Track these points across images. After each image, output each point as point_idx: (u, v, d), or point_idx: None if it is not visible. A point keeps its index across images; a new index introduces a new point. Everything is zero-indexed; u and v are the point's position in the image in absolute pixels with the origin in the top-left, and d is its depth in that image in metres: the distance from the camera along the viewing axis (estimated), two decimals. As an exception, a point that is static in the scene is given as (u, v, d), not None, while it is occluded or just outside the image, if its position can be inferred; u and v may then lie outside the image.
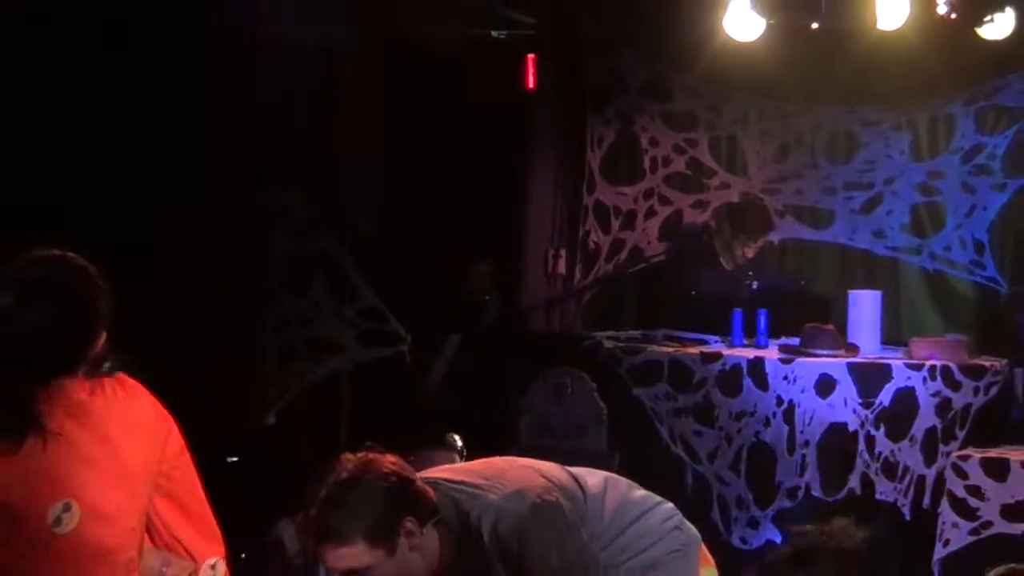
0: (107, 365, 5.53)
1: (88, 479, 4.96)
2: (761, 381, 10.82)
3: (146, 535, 5.22)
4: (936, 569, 10.25)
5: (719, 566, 6.29)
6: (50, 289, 4.98)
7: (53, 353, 4.98)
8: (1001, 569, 5.80)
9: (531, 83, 12.84)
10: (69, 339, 5.01)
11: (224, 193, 10.39)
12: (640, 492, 6.17)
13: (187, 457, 5.31)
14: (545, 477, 5.95)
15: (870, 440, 10.72)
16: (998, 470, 10.21)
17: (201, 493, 5.38)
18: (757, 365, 10.87)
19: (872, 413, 10.70)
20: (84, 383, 5.03)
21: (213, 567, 5.44)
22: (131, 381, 5.19)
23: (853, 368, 10.80)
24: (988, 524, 10.16)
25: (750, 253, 12.04)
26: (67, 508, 4.90)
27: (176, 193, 10.39)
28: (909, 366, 10.79)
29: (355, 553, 5.67)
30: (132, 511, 5.08)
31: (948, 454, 10.54)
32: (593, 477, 6.13)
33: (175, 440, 5.25)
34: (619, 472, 6.42)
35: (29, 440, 4.86)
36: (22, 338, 4.91)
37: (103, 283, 5.07)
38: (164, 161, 10.56)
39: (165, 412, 5.23)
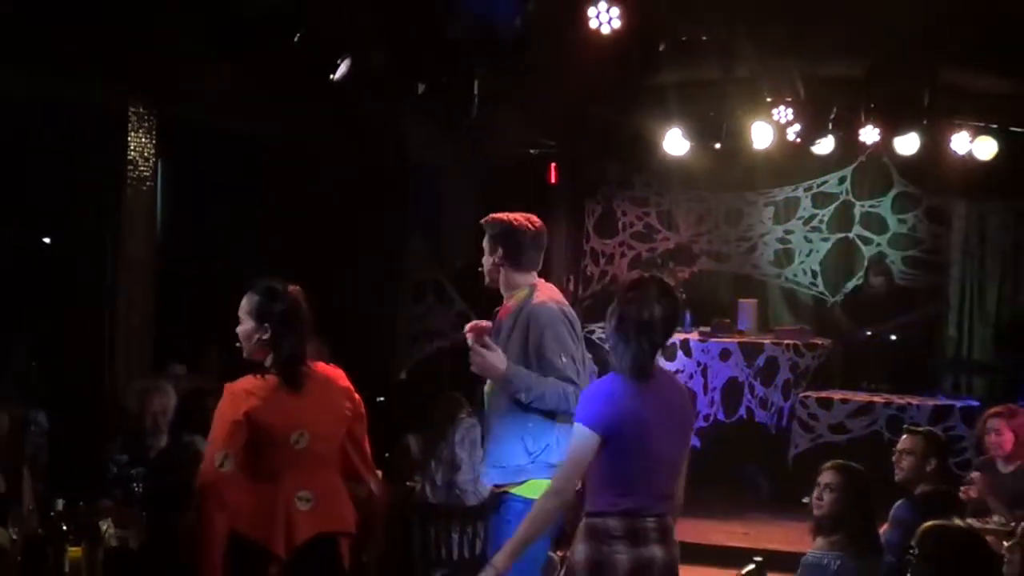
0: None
1: (315, 416, 4.99)
2: (688, 352, 11.07)
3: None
4: (791, 463, 10.50)
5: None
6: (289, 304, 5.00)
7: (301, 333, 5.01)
8: (830, 464, 6.05)
9: (553, 179, 12.90)
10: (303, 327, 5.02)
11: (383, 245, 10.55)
12: None
13: (362, 409, 5.24)
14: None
15: (751, 387, 11.00)
16: (826, 404, 10.54)
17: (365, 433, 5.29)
18: (685, 343, 11.11)
19: (752, 371, 11.01)
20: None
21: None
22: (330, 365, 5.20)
23: (741, 345, 11.10)
24: (820, 435, 10.45)
25: (683, 275, 12.39)
26: (302, 434, 4.92)
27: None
28: (773, 343, 11.11)
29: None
30: (335, 436, 5.10)
31: (797, 394, 10.81)
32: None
33: (355, 397, 5.19)
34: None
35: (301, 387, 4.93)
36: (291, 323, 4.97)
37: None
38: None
39: (347, 380, 5.20)
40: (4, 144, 8.01)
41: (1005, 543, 5.47)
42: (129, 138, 7.93)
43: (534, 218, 5.80)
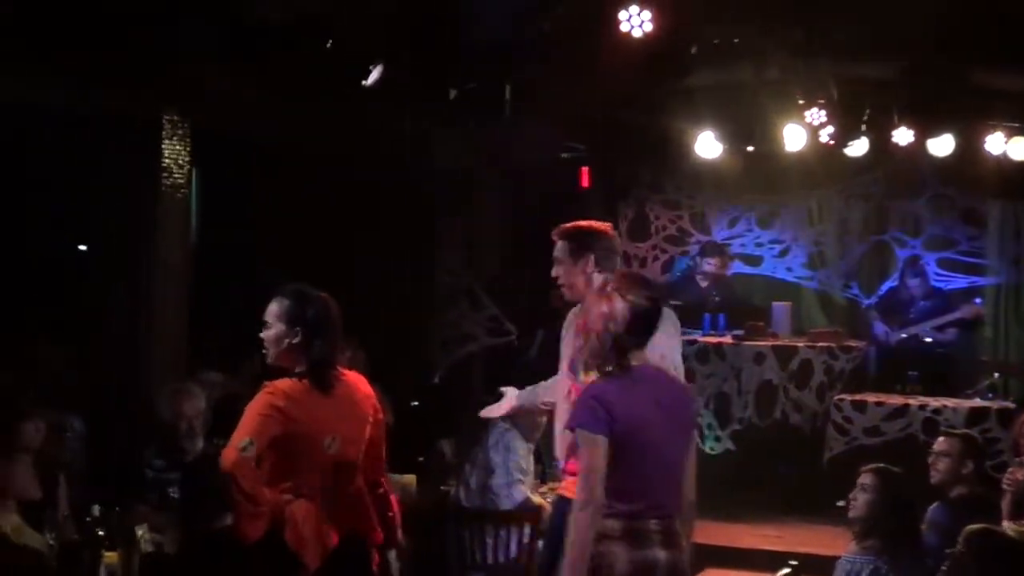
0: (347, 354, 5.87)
1: (346, 421, 5.04)
2: (721, 356, 10.88)
3: None
4: (825, 465, 10.34)
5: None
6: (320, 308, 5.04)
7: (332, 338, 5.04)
8: (870, 466, 6.06)
9: (585, 183, 12.83)
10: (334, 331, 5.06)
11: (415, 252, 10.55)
12: None
13: (381, 415, 5.30)
14: None
15: (786, 390, 10.79)
16: (860, 407, 10.40)
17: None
18: (719, 347, 10.95)
19: (786, 374, 10.83)
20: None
21: None
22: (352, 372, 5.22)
23: (775, 348, 10.90)
24: (855, 439, 10.29)
25: (713, 268, 12.06)
26: (334, 439, 4.97)
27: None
28: (807, 346, 10.94)
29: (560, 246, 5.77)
30: (362, 440, 5.12)
31: (831, 397, 10.66)
32: None
33: (376, 403, 5.23)
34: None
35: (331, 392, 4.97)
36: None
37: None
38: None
39: (369, 387, 5.23)
40: (39, 153, 8.07)
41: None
42: (163, 146, 7.98)
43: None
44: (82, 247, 9.17)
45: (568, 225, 5.92)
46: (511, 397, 6.28)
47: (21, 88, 7.43)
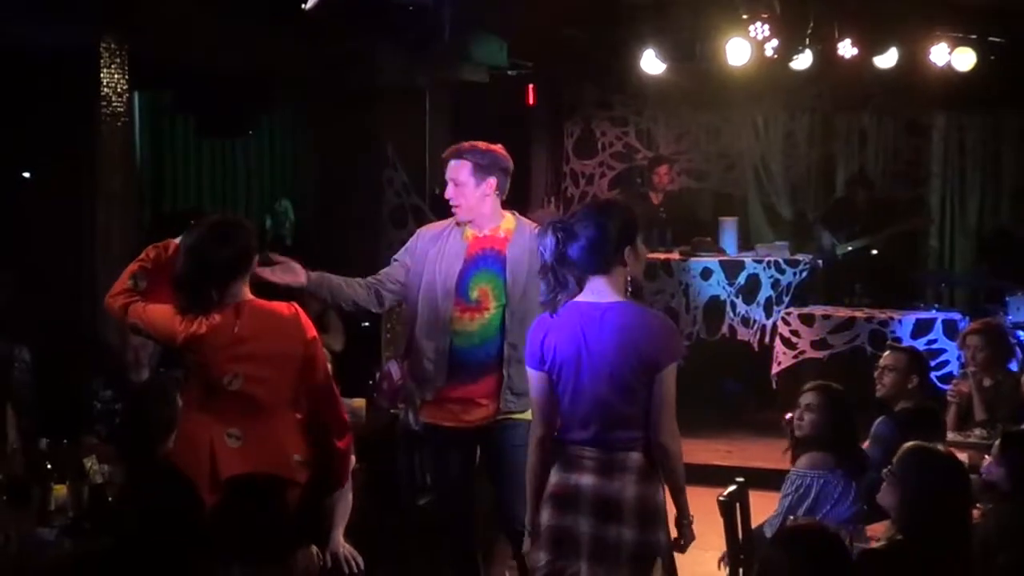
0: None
1: (252, 360, 4.80)
2: (669, 272, 10.99)
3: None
4: (773, 380, 10.42)
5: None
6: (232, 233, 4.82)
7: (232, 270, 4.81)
8: (810, 384, 6.12)
9: (531, 101, 12.87)
10: (239, 262, 4.84)
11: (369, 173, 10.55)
12: None
13: (320, 350, 4.99)
14: None
15: (733, 305, 10.95)
16: (808, 320, 10.51)
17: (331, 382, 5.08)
18: (667, 263, 11.04)
19: (734, 288, 10.97)
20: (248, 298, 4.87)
21: None
22: (276, 303, 4.92)
23: (723, 263, 11.02)
24: (802, 352, 10.38)
25: (663, 185, 12.14)
26: (235, 375, 4.76)
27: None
28: (755, 260, 11.05)
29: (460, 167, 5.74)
30: (278, 380, 4.85)
31: (779, 311, 10.77)
32: None
33: (310, 333, 4.92)
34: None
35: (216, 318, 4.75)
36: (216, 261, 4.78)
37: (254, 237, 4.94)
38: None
39: (305, 319, 4.92)
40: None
41: (986, 456, 5.49)
42: (102, 74, 7.87)
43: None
44: (26, 174, 9.03)
45: (466, 145, 5.86)
46: (295, 269, 5.71)
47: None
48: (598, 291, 4.72)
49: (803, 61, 10.95)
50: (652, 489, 4.71)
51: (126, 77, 8.00)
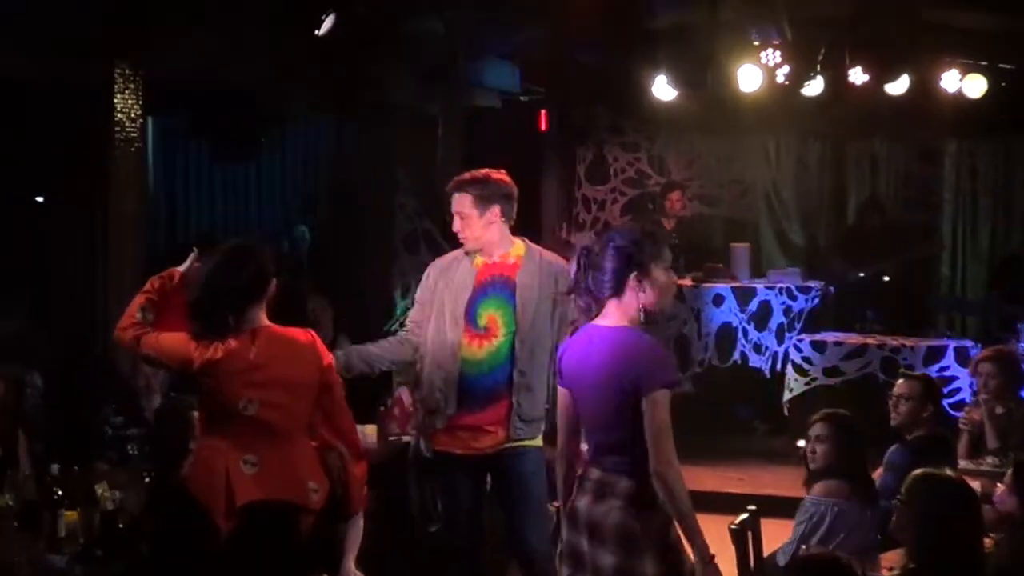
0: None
1: (268, 387, 4.79)
2: (681, 298, 10.79)
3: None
4: (785, 407, 10.39)
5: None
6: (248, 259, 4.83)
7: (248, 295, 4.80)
8: (819, 415, 6.07)
9: (544, 127, 12.83)
10: (255, 287, 4.83)
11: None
12: None
13: (335, 377, 5.03)
14: None
15: (745, 331, 10.90)
16: (819, 347, 10.43)
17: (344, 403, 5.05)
18: (679, 289, 10.77)
19: (746, 315, 10.92)
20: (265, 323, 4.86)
21: None
22: (293, 329, 4.93)
23: (734, 289, 10.97)
24: (814, 379, 10.32)
25: (675, 211, 12.01)
26: (251, 400, 4.76)
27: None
28: (767, 287, 11.01)
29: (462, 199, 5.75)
30: (293, 407, 4.86)
31: (791, 338, 10.72)
32: None
33: (326, 360, 4.96)
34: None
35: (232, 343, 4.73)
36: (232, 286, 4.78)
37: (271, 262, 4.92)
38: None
39: (321, 346, 4.96)
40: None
41: (998, 484, 5.47)
42: (115, 100, 7.91)
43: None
44: (39, 199, 9.08)
45: (467, 176, 5.86)
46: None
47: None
48: (608, 314, 4.76)
49: (814, 88, 10.89)
50: (639, 517, 4.63)
51: (140, 103, 8.05)
